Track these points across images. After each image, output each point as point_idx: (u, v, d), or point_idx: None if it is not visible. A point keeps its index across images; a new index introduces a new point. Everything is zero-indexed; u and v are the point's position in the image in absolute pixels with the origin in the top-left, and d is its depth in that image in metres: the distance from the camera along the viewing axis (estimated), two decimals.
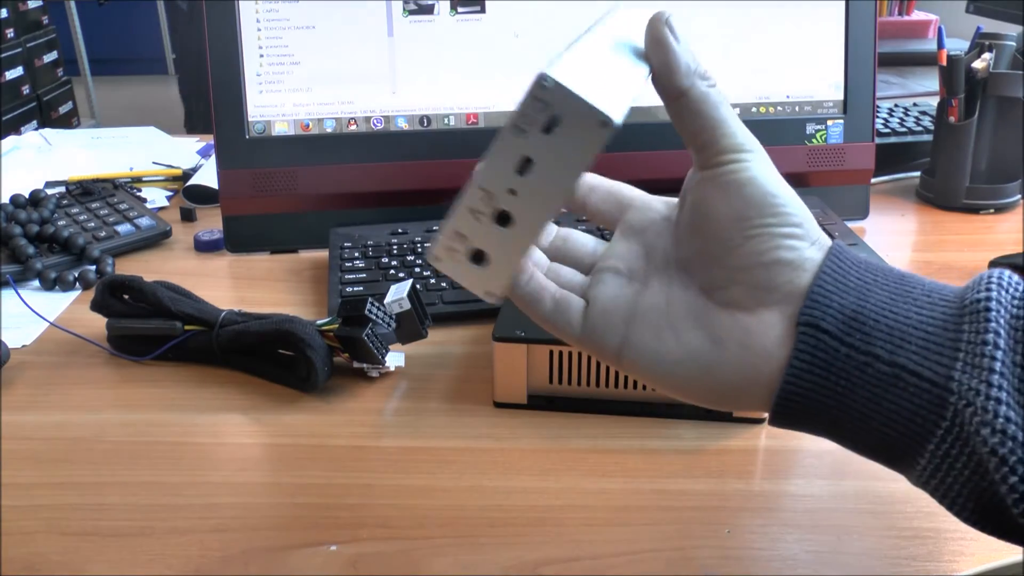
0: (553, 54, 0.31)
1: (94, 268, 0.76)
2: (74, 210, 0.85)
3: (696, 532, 0.45)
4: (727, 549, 0.44)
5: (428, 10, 0.76)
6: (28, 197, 0.84)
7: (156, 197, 0.94)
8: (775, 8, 0.79)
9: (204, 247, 0.81)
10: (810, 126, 0.81)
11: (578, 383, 0.54)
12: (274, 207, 0.78)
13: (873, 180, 0.89)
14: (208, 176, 0.91)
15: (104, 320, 0.62)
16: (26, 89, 2.99)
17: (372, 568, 0.43)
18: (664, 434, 0.53)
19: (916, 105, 1.08)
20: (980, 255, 0.76)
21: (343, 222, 0.77)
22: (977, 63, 0.84)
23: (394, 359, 0.59)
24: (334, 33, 0.76)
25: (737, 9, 0.78)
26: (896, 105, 1.08)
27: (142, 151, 1.07)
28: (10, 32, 2.91)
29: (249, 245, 0.80)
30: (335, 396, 0.57)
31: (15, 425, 0.55)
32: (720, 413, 0.53)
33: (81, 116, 3.42)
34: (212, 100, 0.75)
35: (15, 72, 2.92)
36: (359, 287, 0.68)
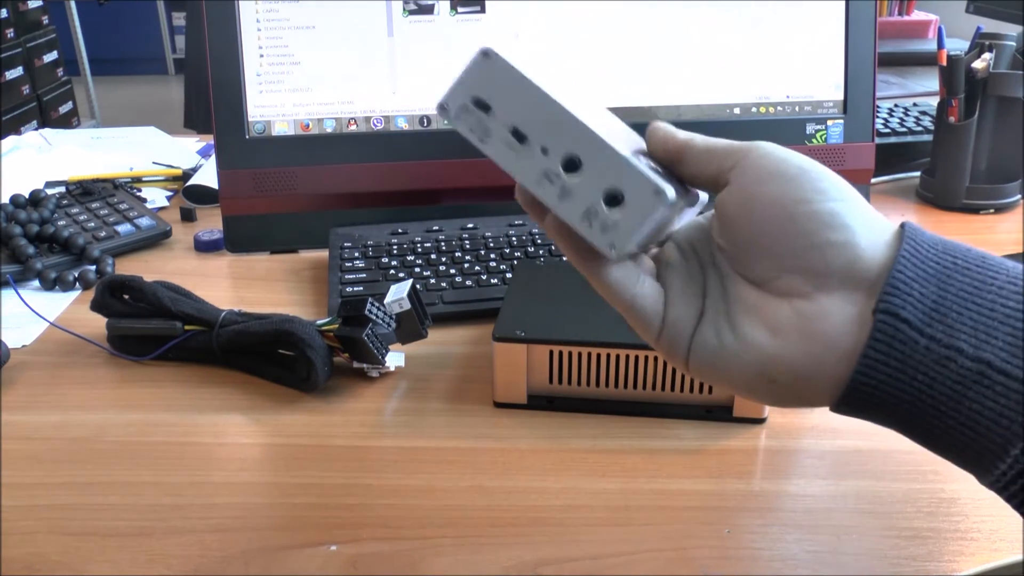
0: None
1: (94, 268, 0.76)
2: (74, 210, 0.85)
3: (696, 532, 0.45)
4: (727, 549, 0.44)
5: (428, 10, 0.76)
6: (28, 197, 0.84)
7: (156, 197, 0.94)
8: (775, 8, 0.78)
9: (204, 247, 0.81)
10: (810, 126, 0.81)
11: (578, 383, 0.54)
12: (274, 207, 0.78)
13: (873, 180, 0.89)
14: (208, 176, 0.91)
15: (104, 320, 0.62)
16: (26, 89, 3.00)
17: (372, 568, 0.43)
18: (664, 434, 0.53)
19: (916, 105, 1.08)
20: None
21: (343, 222, 0.76)
22: (977, 63, 0.84)
23: (394, 359, 0.59)
24: (334, 33, 0.76)
25: (737, 9, 0.78)
26: (896, 105, 1.08)
27: (142, 151, 1.07)
28: (10, 32, 2.92)
29: (249, 245, 0.80)
30: (335, 396, 0.57)
31: (15, 425, 0.55)
32: (720, 413, 0.53)
33: (81, 116, 3.42)
34: (212, 100, 0.75)
35: (15, 72, 2.93)
36: (359, 287, 0.68)
